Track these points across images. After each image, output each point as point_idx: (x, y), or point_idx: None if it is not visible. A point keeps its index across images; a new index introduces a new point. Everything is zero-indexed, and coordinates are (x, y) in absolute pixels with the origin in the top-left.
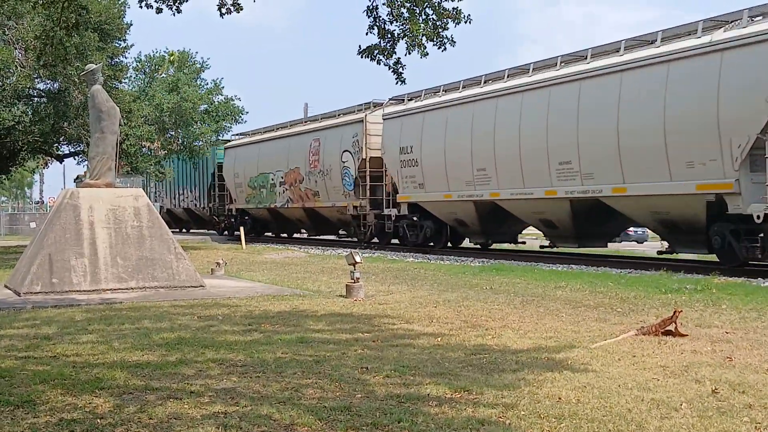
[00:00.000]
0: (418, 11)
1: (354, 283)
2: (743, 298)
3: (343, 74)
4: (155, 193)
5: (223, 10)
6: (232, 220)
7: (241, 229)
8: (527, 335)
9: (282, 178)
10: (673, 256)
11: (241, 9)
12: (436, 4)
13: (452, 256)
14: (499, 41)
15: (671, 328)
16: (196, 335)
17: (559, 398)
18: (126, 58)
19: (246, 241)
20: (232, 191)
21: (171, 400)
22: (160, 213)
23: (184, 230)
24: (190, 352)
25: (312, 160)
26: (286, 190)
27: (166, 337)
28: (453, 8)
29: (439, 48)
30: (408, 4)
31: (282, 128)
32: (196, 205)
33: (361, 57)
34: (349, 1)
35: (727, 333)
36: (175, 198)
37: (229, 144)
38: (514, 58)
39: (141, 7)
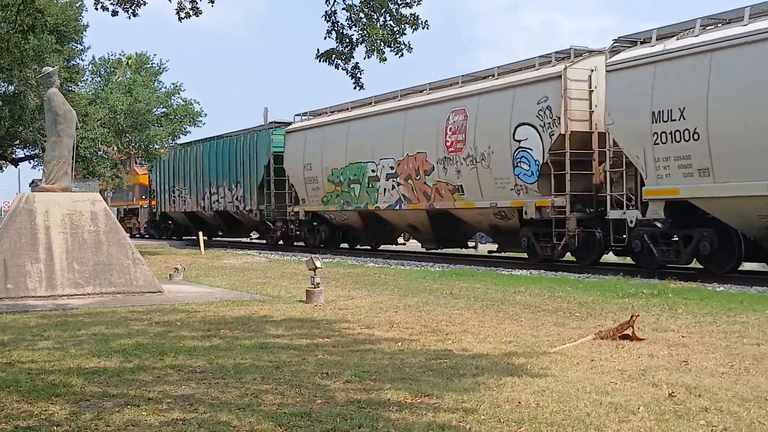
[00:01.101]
0: (376, 17)
1: (314, 288)
2: (699, 302)
3: (304, 78)
4: (172, 192)
5: (182, 14)
6: (293, 227)
7: (200, 234)
8: (487, 340)
9: (392, 168)
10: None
11: (200, 13)
12: (393, 9)
13: (413, 261)
14: (457, 45)
15: (628, 332)
16: (155, 341)
17: (519, 402)
18: (83, 60)
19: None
20: (300, 189)
21: (128, 407)
22: (170, 215)
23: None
24: (148, 359)
25: (452, 141)
26: (398, 185)
27: (124, 344)
28: (411, 14)
29: (396, 54)
30: (366, 10)
31: (387, 99)
32: (238, 207)
33: (319, 61)
34: (309, 6)
35: (683, 337)
36: (204, 198)
37: (293, 126)
38: (474, 62)
39: (96, 9)
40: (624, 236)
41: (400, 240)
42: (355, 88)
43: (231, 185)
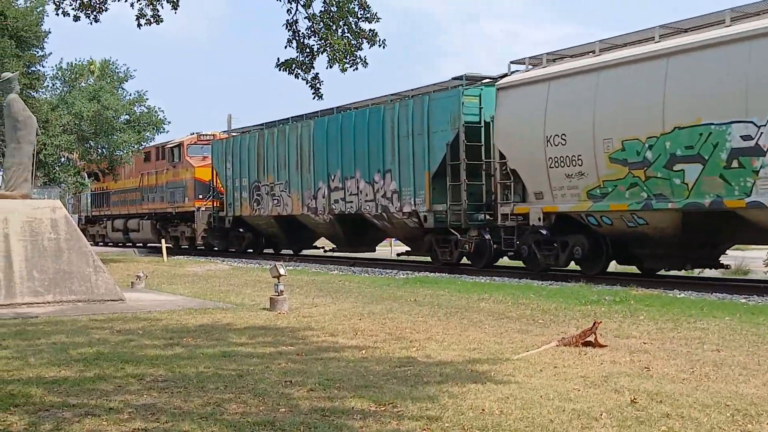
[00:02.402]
0: (335, 28)
1: (278, 296)
2: (660, 309)
3: (266, 86)
4: (256, 189)
5: (142, 21)
6: (490, 236)
7: (162, 241)
8: (451, 347)
9: None
10: None
11: (161, 21)
12: (352, 23)
13: (377, 268)
14: (420, 56)
15: (591, 339)
16: (116, 350)
17: (483, 410)
18: (44, 66)
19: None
20: (536, 177)
21: (89, 417)
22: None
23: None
24: (108, 368)
25: None
26: None
27: (84, 352)
28: (369, 30)
29: (351, 67)
30: (326, 19)
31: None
32: (387, 207)
33: (279, 70)
34: (271, 15)
35: (644, 343)
36: (317, 197)
37: (513, 79)
38: (436, 72)
39: (57, 14)
40: None
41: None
42: (314, 98)
43: (372, 177)
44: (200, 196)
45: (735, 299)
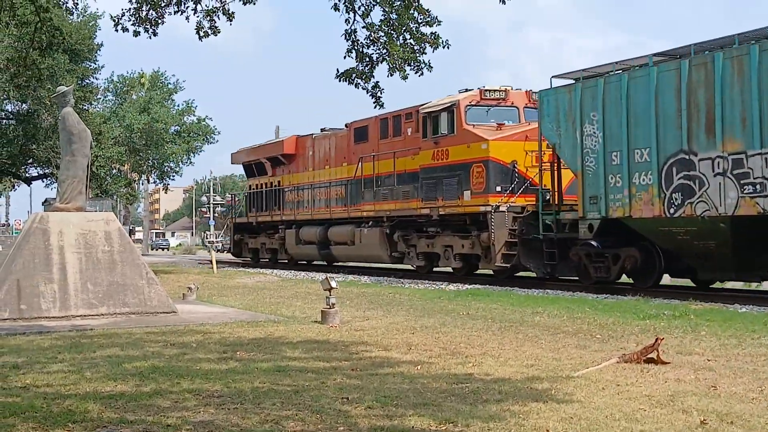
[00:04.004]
0: (395, 35)
1: (329, 308)
2: (722, 324)
3: (314, 97)
4: (688, 162)
5: (201, 33)
6: None
7: (213, 253)
8: (508, 363)
9: None
10: None
11: (219, 32)
12: (413, 29)
13: (426, 281)
14: (464, 64)
15: (653, 355)
16: (170, 364)
17: (547, 430)
18: (97, 79)
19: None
20: None
21: None
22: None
23: None
24: (164, 382)
25: None
26: None
27: (140, 366)
28: (431, 33)
29: (416, 72)
30: (386, 28)
31: None
32: None
33: (339, 80)
34: (317, 25)
35: (708, 361)
36: None
37: None
38: (480, 81)
39: (116, 30)
40: None
41: None
42: (375, 107)
43: None
44: (497, 189)
45: None
